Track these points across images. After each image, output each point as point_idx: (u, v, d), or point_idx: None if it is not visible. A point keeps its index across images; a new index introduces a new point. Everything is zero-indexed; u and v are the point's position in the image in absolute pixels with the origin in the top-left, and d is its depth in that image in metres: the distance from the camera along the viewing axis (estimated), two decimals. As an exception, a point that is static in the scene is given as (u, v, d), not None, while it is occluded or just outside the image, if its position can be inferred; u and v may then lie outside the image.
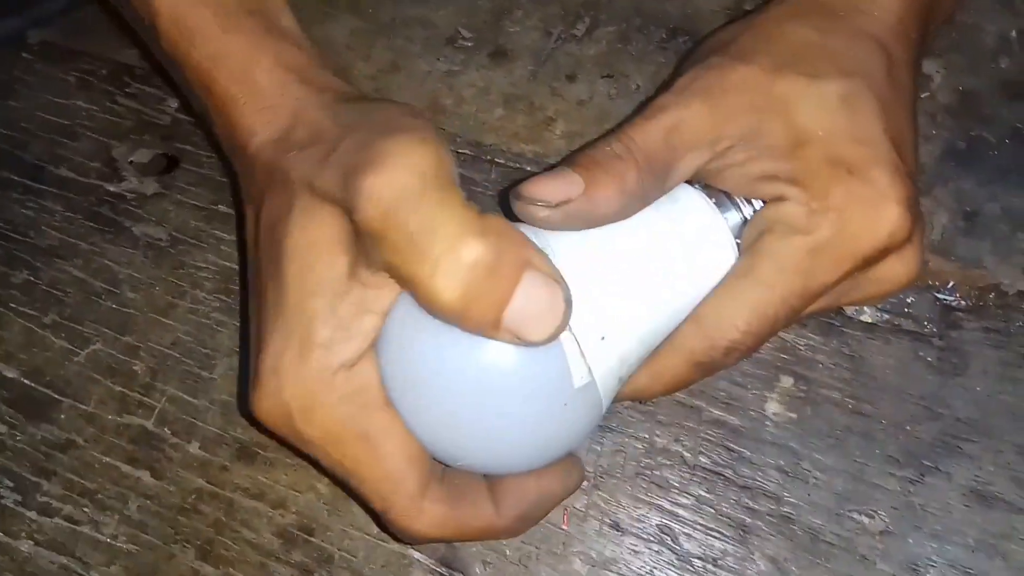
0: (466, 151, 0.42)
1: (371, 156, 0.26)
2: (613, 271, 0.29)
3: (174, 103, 0.45)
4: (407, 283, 0.26)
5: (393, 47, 0.44)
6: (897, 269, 0.30)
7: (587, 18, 0.43)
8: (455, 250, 0.24)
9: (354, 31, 0.45)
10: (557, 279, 0.26)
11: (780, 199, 0.29)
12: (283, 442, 0.29)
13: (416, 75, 0.43)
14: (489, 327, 0.25)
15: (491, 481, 0.30)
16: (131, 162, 0.44)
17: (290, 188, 0.28)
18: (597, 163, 0.28)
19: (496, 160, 0.41)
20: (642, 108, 0.31)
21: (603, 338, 0.27)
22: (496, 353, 0.26)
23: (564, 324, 0.26)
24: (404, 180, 0.25)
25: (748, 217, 0.30)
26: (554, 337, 0.26)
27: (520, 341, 0.25)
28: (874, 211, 0.28)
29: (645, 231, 0.30)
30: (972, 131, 0.39)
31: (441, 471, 0.29)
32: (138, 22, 0.35)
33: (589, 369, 0.27)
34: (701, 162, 0.30)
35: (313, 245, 0.27)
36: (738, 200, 0.31)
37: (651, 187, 0.29)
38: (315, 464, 0.29)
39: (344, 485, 0.28)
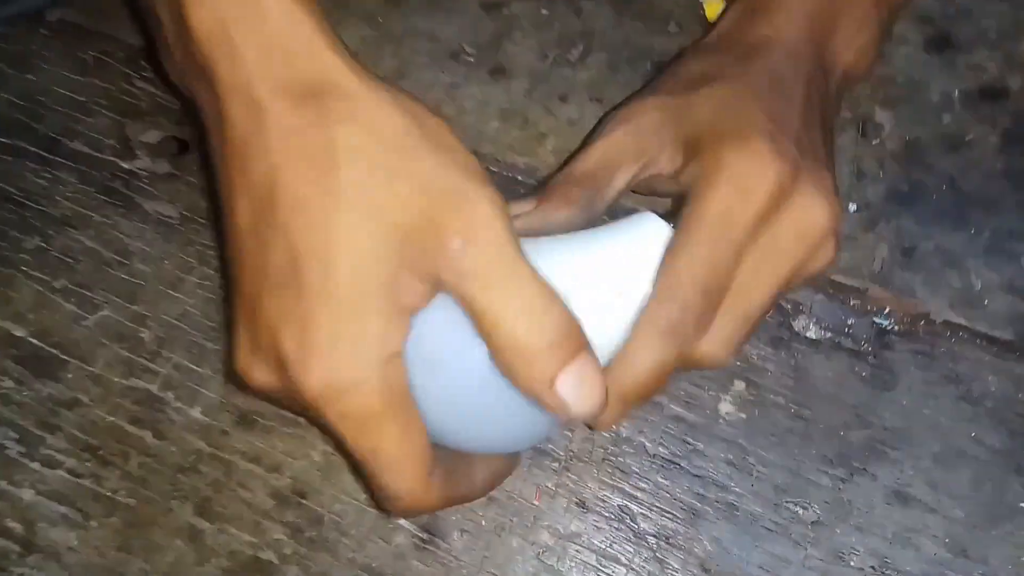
0: (463, 158, 0.46)
1: (461, 192, 0.28)
2: (584, 287, 0.33)
3: (189, 90, 0.48)
4: (484, 319, 0.29)
5: (400, 56, 0.48)
6: (813, 210, 0.33)
7: (581, 45, 0.47)
8: (545, 311, 0.29)
9: (364, 39, 0.48)
10: (599, 372, 0.30)
11: (690, 182, 0.34)
12: (285, 407, 0.32)
13: (421, 85, 0.47)
14: (543, 385, 0.29)
15: (470, 457, 0.34)
16: (143, 142, 0.47)
17: (335, 172, 0.28)
18: (549, 188, 0.35)
19: (491, 169, 0.45)
20: (592, 131, 0.39)
21: None
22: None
23: (601, 410, 0.30)
24: (494, 227, 0.28)
25: None
26: (592, 417, 0.30)
27: (562, 411, 0.29)
28: (756, 158, 0.33)
29: (609, 253, 0.34)
30: (914, 176, 0.44)
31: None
32: None
33: None
34: (631, 175, 0.36)
35: (369, 245, 0.28)
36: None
37: (593, 198, 0.35)
38: (333, 439, 0.32)
39: (356, 459, 0.30)
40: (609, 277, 0.33)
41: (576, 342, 0.29)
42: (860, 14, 0.39)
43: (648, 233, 0.34)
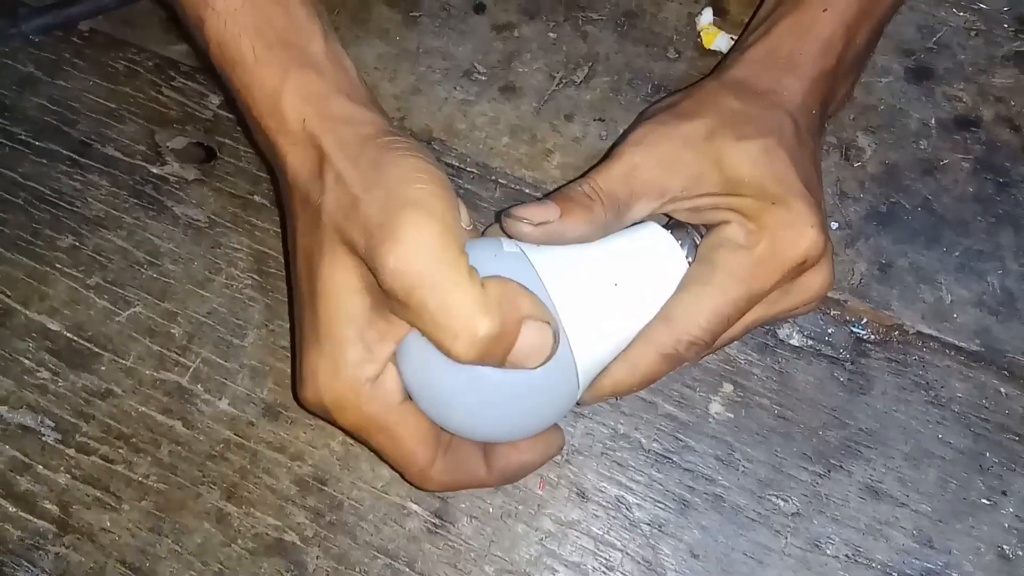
0: (474, 171, 0.49)
1: (390, 230, 0.32)
2: (588, 289, 0.36)
3: (216, 99, 0.51)
4: (430, 339, 0.33)
5: (416, 73, 0.51)
6: (816, 279, 0.38)
7: (586, 68, 0.51)
8: (469, 329, 0.31)
9: (382, 55, 0.51)
10: (546, 319, 0.33)
11: (724, 223, 0.37)
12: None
13: (435, 100, 0.50)
14: (498, 365, 0.33)
15: (486, 447, 0.38)
16: (171, 149, 0.50)
17: (321, 227, 0.34)
18: (571, 199, 0.37)
19: (500, 181, 0.48)
20: (609, 152, 0.39)
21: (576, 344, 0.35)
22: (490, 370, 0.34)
23: (554, 351, 0.33)
24: (420, 259, 0.32)
25: (697, 241, 0.38)
26: (546, 363, 0.33)
27: (522, 368, 0.33)
28: (796, 230, 0.37)
29: (614, 254, 0.37)
30: (892, 198, 0.47)
31: (449, 438, 0.37)
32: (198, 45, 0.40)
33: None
34: (651, 208, 0.38)
35: (342, 285, 0.34)
36: (689, 227, 0.39)
37: (611, 221, 0.37)
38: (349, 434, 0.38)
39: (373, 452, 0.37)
40: (622, 297, 0.36)
41: (512, 327, 0.32)
42: (857, 62, 0.44)
43: (661, 255, 0.37)
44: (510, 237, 0.36)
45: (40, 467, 0.43)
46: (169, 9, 0.53)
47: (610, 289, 0.36)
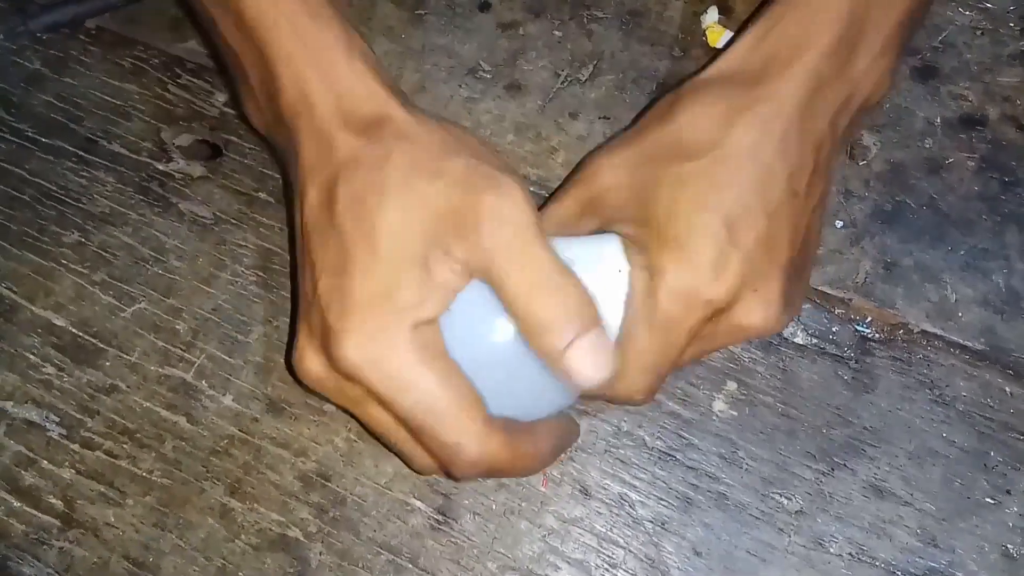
0: (478, 168, 0.49)
1: (491, 184, 0.33)
2: None
3: (222, 97, 0.51)
4: (507, 293, 0.33)
5: (421, 71, 0.51)
6: (748, 319, 0.36)
7: (591, 66, 0.51)
8: (561, 289, 0.32)
9: (387, 53, 0.51)
10: (613, 346, 0.34)
11: (633, 265, 0.37)
12: (332, 400, 0.36)
13: (440, 98, 0.50)
14: (556, 356, 0.33)
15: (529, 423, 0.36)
16: (177, 146, 0.50)
17: (387, 173, 0.33)
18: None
19: (504, 178, 0.48)
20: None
21: None
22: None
23: (606, 382, 0.33)
24: (519, 213, 0.33)
25: None
26: (595, 386, 0.33)
27: (570, 377, 0.33)
28: (693, 277, 0.35)
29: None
30: (897, 196, 0.47)
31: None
32: (212, 5, 0.39)
33: None
34: (592, 229, 0.40)
35: (409, 227, 0.33)
36: None
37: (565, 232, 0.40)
38: (373, 430, 0.36)
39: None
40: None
41: (588, 317, 0.33)
42: (879, 41, 0.38)
43: (611, 269, 0.37)
44: None
45: (45, 462, 0.44)
46: (182, 3, 0.53)
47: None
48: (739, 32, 0.40)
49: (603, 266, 0.37)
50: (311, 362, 0.34)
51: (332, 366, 0.33)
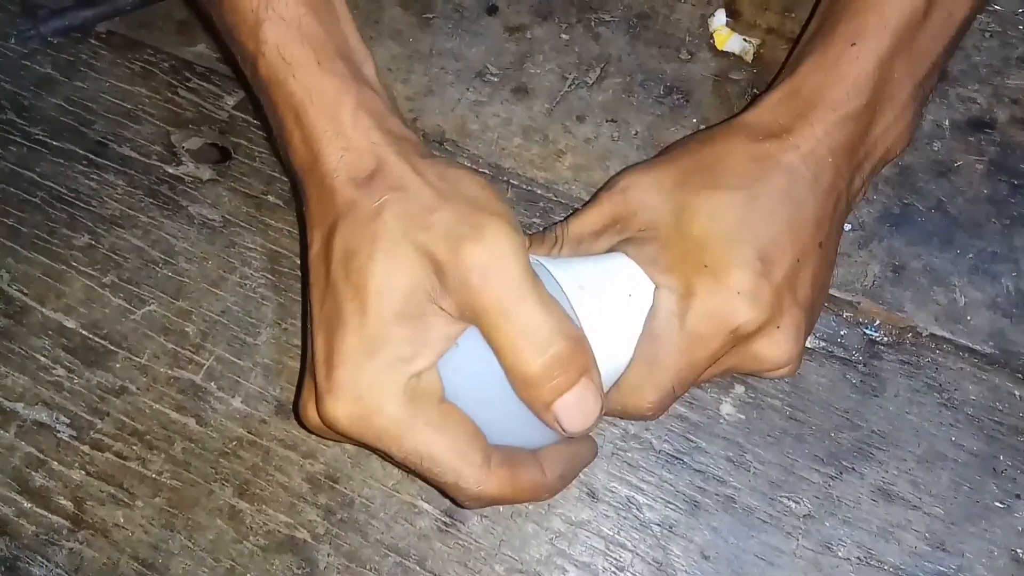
0: (486, 172, 0.49)
1: (481, 232, 0.33)
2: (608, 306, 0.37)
3: (231, 100, 0.51)
4: (494, 345, 0.33)
5: (429, 74, 0.51)
6: (769, 350, 0.37)
7: (598, 69, 0.51)
8: (547, 343, 0.32)
9: (395, 56, 0.52)
10: (602, 392, 0.34)
11: (659, 287, 0.37)
12: (350, 441, 0.35)
13: (448, 101, 0.50)
14: (542, 407, 0.33)
15: (534, 452, 0.37)
16: (187, 149, 0.50)
17: (377, 227, 0.33)
18: (544, 236, 0.41)
19: (511, 182, 0.49)
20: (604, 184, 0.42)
21: None
22: None
23: (593, 427, 0.34)
24: (509, 265, 0.32)
25: None
26: (583, 434, 0.34)
27: (557, 427, 0.33)
28: (726, 302, 0.35)
29: (600, 303, 0.37)
30: (906, 200, 0.47)
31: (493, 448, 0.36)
32: (238, 47, 0.40)
33: None
34: (612, 244, 0.39)
35: (399, 282, 0.33)
36: None
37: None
38: (386, 457, 0.36)
39: (416, 469, 0.34)
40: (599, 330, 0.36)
41: (575, 368, 0.33)
42: (901, 101, 0.40)
43: (634, 293, 0.37)
44: None
45: (55, 463, 0.44)
46: (192, 6, 0.53)
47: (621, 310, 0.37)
48: (771, 84, 0.43)
49: (618, 288, 0.37)
50: (312, 415, 0.35)
51: (325, 424, 0.34)
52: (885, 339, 0.44)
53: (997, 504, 0.41)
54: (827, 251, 0.39)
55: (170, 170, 0.50)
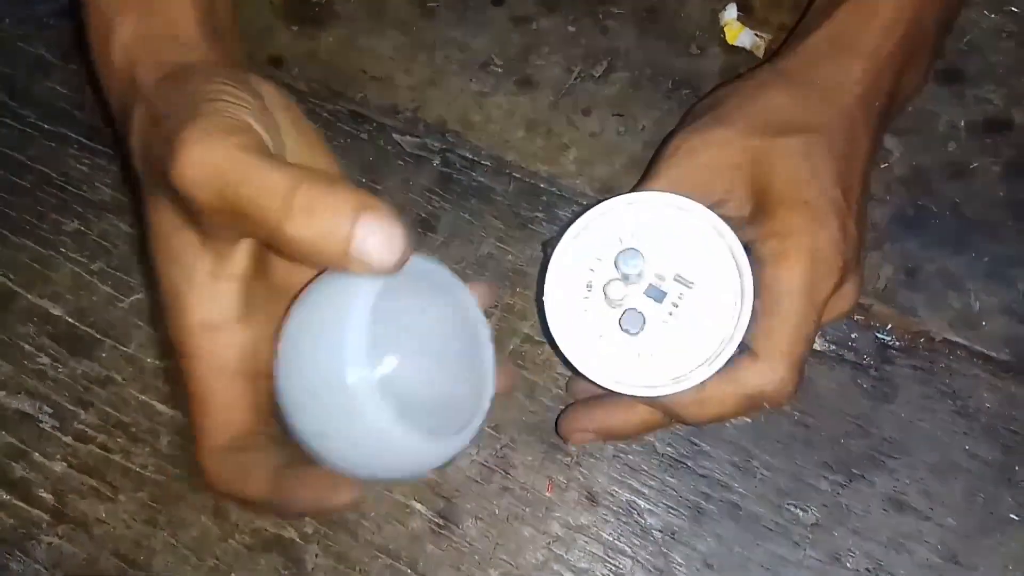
0: (488, 164, 0.47)
1: (180, 138, 0.27)
2: None
3: (229, 88, 0.50)
4: (264, 238, 0.28)
5: (432, 64, 0.50)
6: (851, 290, 0.37)
7: (605, 62, 0.49)
8: (293, 200, 0.26)
9: (399, 46, 0.50)
10: (393, 216, 0.27)
11: (761, 237, 0.35)
12: None
13: (451, 92, 0.49)
14: (340, 260, 0.27)
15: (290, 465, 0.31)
16: (182, 135, 0.49)
17: (134, 169, 0.33)
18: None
19: (514, 175, 0.47)
20: (650, 166, 0.39)
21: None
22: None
23: (406, 254, 0.27)
24: (217, 156, 0.27)
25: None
26: (400, 264, 0.27)
27: (371, 269, 0.27)
28: (832, 242, 0.35)
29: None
30: (919, 201, 0.46)
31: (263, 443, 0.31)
32: None
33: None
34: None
35: (167, 234, 0.30)
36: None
37: None
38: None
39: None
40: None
41: (357, 203, 0.27)
42: (929, 45, 0.41)
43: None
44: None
45: (36, 454, 0.42)
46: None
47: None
48: (796, 28, 0.43)
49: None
50: None
51: None
52: (898, 344, 0.43)
53: (1012, 516, 0.39)
54: (866, 189, 0.39)
55: (164, 156, 0.48)
